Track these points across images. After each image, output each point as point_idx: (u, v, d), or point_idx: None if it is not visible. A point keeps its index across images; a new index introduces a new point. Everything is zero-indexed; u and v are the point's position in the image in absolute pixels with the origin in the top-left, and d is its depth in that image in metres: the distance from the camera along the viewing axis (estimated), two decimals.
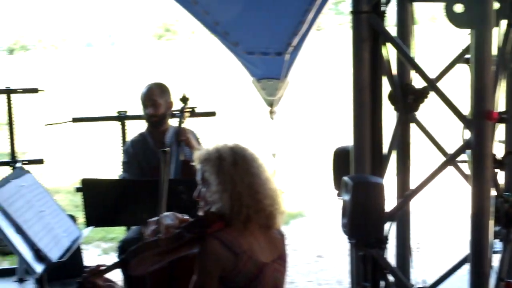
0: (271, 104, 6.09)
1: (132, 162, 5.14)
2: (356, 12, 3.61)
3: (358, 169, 3.72)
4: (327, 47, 25.69)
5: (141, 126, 5.35)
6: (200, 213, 3.09)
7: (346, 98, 4.41)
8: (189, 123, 5.22)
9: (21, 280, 6.08)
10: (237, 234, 2.89)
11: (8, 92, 6.17)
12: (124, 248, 4.70)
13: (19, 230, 3.41)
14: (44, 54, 38.76)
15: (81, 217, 5.16)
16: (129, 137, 5.64)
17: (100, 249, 7.59)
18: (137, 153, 5.13)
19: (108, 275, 2.95)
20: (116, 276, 3.76)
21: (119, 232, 7.50)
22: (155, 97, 5.04)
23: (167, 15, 56.04)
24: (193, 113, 5.27)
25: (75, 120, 6.32)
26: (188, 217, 3.09)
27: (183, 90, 5.24)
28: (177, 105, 5.18)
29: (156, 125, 5.10)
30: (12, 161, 6.23)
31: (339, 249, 6.85)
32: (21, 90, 6.21)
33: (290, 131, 13.93)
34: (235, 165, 2.96)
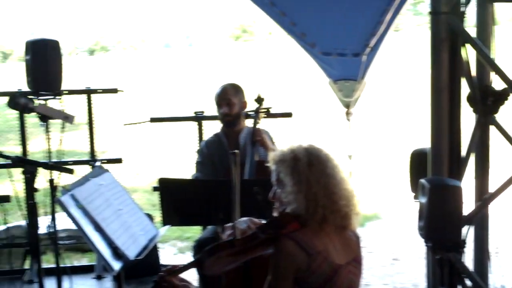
0: (347, 105, 6.05)
1: (206, 163, 5.18)
2: (435, 13, 3.57)
3: (436, 172, 3.67)
4: (405, 48, 25.35)
5: (217, 127, 5.40)
6: (275, 214, 3.09)
7: (424, 100, 4.34)
8: (265, 124, 5.23)
9: (99, 277, 6.19)
10: (312, 235, 2.88)
11: (89, 92, 6.28)
12: (199, 247, 4.73)
13: (98, 228, 3.47)
14: (124, 55, 39.53)
15: (157, 216, 5.23)
16: (205, 137, 5.68)
17: (176, 248, 7.67)
18: (211, 154, 5.17)
19: (183, 275, 2.98)
20: (192, 275, 3.81)
21: (194, 232, 7.57)
22: (230, 96, 5.07)
23: (244, 17, 56.38)
24: (269, 114, 5.27)
25: (153, 120, 6.41)
26: (264, 221, 3.09)
27: (259, 91, 5.26)
28: (252, 106, 5.20)
29: (230, 124, 5.13)
30: (91, 160, 6.35)
31: (415, 252, 6.74)
32: (101, 90, 6.31)
33: (366, 133, 13.80)
34: (310, 166, 2.95)
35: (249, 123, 5.20)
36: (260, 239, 2.90)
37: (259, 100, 5.19)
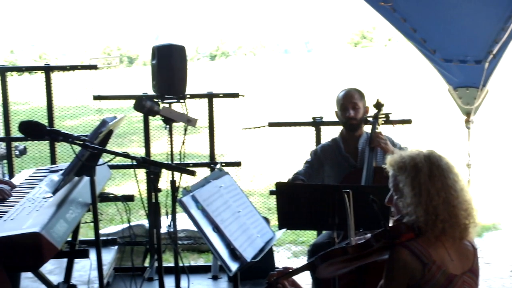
0: (467, 113, 5.92)
1: (313, 165, 5.21)
2: None
3: None
4: None
5: (335, 133, 5.41)
6: (391, 221, 3.08)
7: None
8: (383, 130, 5.20)
9: (215, 277, 6.31)
10: (427, 244, 2.85)
11: (210, 96, 6.42)
12: (314, 251, 4.76)
13: (217, 229, 3.55)
14: (244, 60, 40.02)
15: (273, 220, 5.30)
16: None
17: (291, 252, 7.72)
18: (324, 158, 5.19)
19: (296, 278, 3.02)
20: (305, 279, 3.85)
21: (309, 236, 7.60)
22: (356, 100, 5.08)
23: (364, 23, 56.01)
24: (388, 120, 5.25)
25: (271, 124, 6.48)
26: None
27: (378, 97, 5.23)
28: (371, 111, 5.20)
29: (353, 128, 5.13)
30: (211, 163, 6.49)
31: None
32: (222, 95, 6.44)
33: (486, 141, 13.42)
34: (431, 177, 2.90)
35: (367, 128, 5.19)
36: (373, 247, 2.89)
37: (378, 105, 5.17)
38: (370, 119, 5.17)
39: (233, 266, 3.50)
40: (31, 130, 3.71)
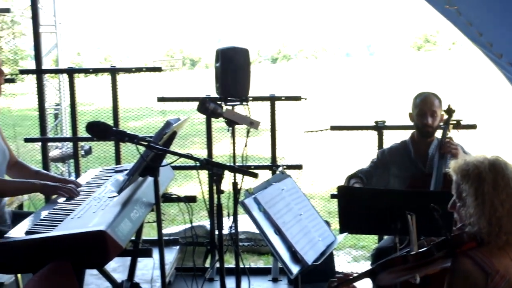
0: None
1: (378, 166, 5.18)
2: None
3: None
4: None
5: (398, 137, 5.37)
6: (454, 228, 3.04)
7: None
8: (452, 136, 5.15)
9: (275, 280, 6.32)
10: (490, 254, 2.78)
11: (273, 99, 6.43)
12: (378, 256, 4.75)
13: (278, 231, 3.56)
14: (305, 63, 40.01)
15: (334, 223, 5.28)
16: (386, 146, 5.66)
17: (351, 256, 7.68)
18: (391, 161, 5.15)
19: (356, 284, 3.01)
20: (365, 285, 3.82)
21: (369, 241, 7.56)
22: (435, 108, 5.00)
23: (427, 26, 55.38)
24: (457, 126, 5.20)
25: (333, 128, 6.46)
26: None
27: (449, 102, 5.16)
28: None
29: (428, 135, 5.07)
30: (272, 165, 6.50)
31: None
32: (284, 98, 6.44)
33: None
34: (496, 187, 2.82)
35: (437, 134, 5.13)
36: (434, 256, 2.86)
37: (450, 111, 5.10)
38: (441, 124, 5.10)
39: (294, 269, 3.50)
40: (98, 130, 3.79)
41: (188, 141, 11.81)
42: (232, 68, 5.26)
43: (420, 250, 2.92)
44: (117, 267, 5.73)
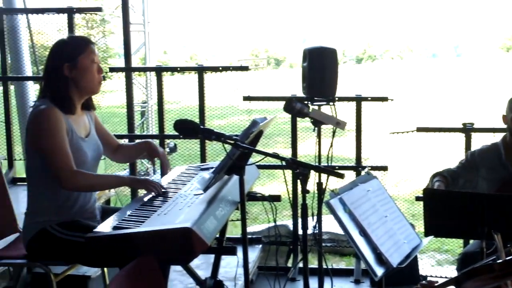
0: None
1: (466, 168, 5.06)
2: None
3: None
4: None
5: (486, 140, 5.25)
6: None
7: None
8: None
9: (357, 281, 6.29)
10: None
11: (359, 99, 6.40)
12: (464, 260, 4.67)
13: (363, 232, 3.54)
14: (390, 64, 39.58)
15: (418, 226, 5.20)
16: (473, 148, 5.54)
17: (435, 260, 7.56)
18: (480, 163, 5.03)
19: None
20: None
21: (454, 245, 7.42)
22: None
23: None
24: None
25: (419, 129, 6.38)
26: None
27: None
28: None
29: None
30: (357, 166, 6.47)
31: None
32: (371, 98, 6.39)
33: None
34: None
35: None
36: None
37: None
38: None
39: (379, 271, 3.47)
40: (186, 128, 3.83)
41: (272, 141, 11.84)
42: (320, 68, 5.25)
43: (507, 258, 2.85)
44: (201, 264, 5.80)
